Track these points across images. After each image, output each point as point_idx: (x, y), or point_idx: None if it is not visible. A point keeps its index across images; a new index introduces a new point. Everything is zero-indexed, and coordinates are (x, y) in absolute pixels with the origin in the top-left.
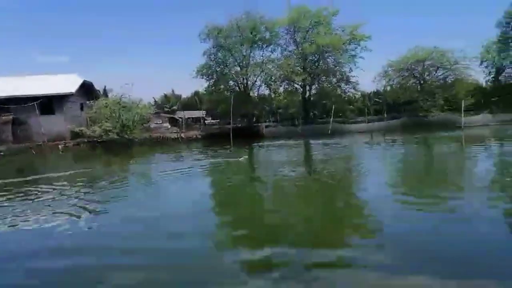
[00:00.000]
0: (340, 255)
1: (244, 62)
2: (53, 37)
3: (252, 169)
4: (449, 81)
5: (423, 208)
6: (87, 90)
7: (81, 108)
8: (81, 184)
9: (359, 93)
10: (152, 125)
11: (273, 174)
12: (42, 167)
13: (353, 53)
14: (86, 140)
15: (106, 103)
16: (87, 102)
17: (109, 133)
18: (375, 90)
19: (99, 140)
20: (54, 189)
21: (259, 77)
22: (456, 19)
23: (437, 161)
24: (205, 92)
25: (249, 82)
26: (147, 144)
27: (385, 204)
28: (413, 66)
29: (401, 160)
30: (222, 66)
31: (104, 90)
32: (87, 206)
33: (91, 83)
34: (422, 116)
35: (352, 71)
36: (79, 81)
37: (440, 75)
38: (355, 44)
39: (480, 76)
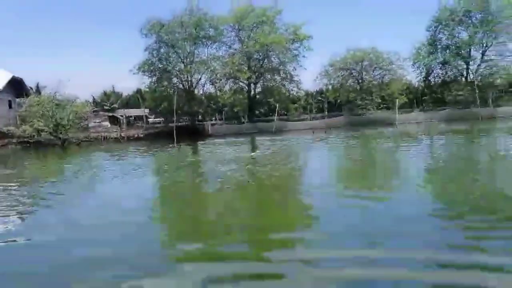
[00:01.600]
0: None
1: (188, 59)
2: None
3: (197, 167)
4: (385, 81)
5: (356, 199)
6: (16, 86)
7: (10, 106)
8: None
9: (303, 91)
10: (90, 124)
11: (216, 174)
12: None
13: (296, 52)
14: (15, 141)
15: (38, 100)
16: (17, 99)
17: (42, 133)
18: (317, 89)
19: (31, 140)
20: None
21: (204, 75)
22: (392, 22)
23: (372, 156)
24: (147, 90)
25: (193, 80)
26: (84, 145)
27: (321, 196)
28: (352, 66)
29: (338, 155)
30: (165, 63)
31: (37, 87)
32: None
33: (21, 79)
34: (361, 114)
35: (295, 70)
36: (7, 76)
37: (377, 75)
38: (298, 43)
39: (413, 76)
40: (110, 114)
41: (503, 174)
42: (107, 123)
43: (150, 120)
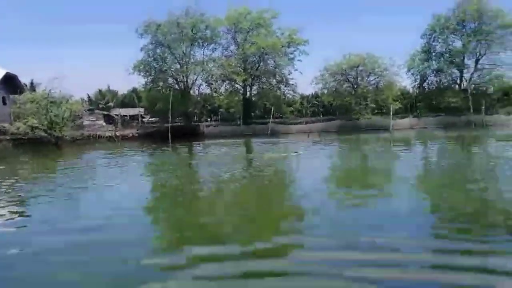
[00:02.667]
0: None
1: (184, 60)
2: None
3: (192, 167)
4: (380, 86)
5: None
6: (10, 83)
7: (4, 103)
8: None
9: (298, 95)
10: (85, 123)
11: (215, 174)
12: None
13: (292, 56)
14: (8, 138)
15: (33, 97)
16: (11, 96)
17: (35, 130)
18: (313, 93)
19: (24, 138)
20: None
21: (200, 76)
22: (387, 31)
23: (364, 160)
24: (143, 89)
25: (189, 81)
26: (78, 143)
27: (316, 197)
28: (347, 71)
29: (333, 158)
30: (161, 63)
31: (31, 84)
32: None
33: (15, 75)
34: (355, 118)
35: (291, 73)
36: (1, 73)
37: (372, 80)
38: (294, 47)
39: (407, 82)
40: (105, 113)
41: (491, 182)
42: (102, 122)
43: (146, 119)
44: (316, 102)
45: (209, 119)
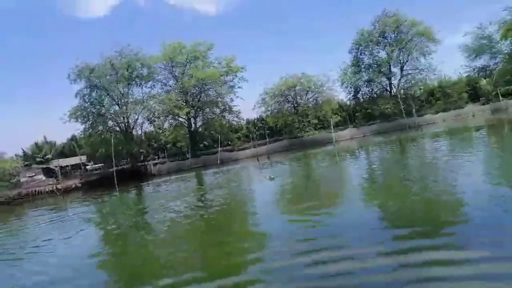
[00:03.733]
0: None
1: (123, 101)
2: None
3: (140, 210)
4: (319, 102)
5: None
6: None
7: None
8: None
9: (243, 120)
10: (23, 179)
11: (162, 215)
12: None
13: (231, 84)
14: None
15: None
16: None
17: None
18: (257, 117)
19: None
20: None
21: (141, 115)
22: (317, 47)
23: (313, 177)
24: (82, 136)
25: (130, 121)
26: (16, 203)
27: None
28: (286, 92)
29: (284, 179)
30: (99, 107)
31: None
32: None
33: None
34: (300, 136)
35: (233, 101)
36: None
37: (311, 97)
38: (232, 75)
39: (343, 95)
40: (44, 166)
41: (430, 182)
42: (41, 176)
43: (89, 167)
44: (261, 125)
45: (156, 157)
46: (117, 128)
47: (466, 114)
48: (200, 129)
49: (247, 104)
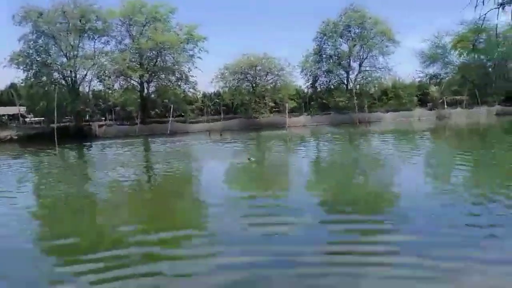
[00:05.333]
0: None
1: (72, 53)
2: None
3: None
4: (278, 86)
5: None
6: None
7: None
8: None
9: (199, 93)
10: None
11: (105, 180)
12: None
13: (191, 53)
14: None
15: None
16: None
17: None
18: (215, 91)
19: None
20: None
21: (90, 71)
22: (284, 30)
23: (265, 158)
24: (23, 85)
25: (78, 76)
26: None
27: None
28: (246, 70)
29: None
30: (44, 55)
31: None
32: None
33: None
34: (255, 117)
35: (191, 70)
36: None
37: (270, 80)
38: (193, 44)
39: (301, 82)
40: None
41: (374, 173)
42: None
43: (28, 119)
44: (217, 100)
45: (103, 119)
46: (63, 82)
47: (413, 116)
48: (153, 96)
49: (205, 77)
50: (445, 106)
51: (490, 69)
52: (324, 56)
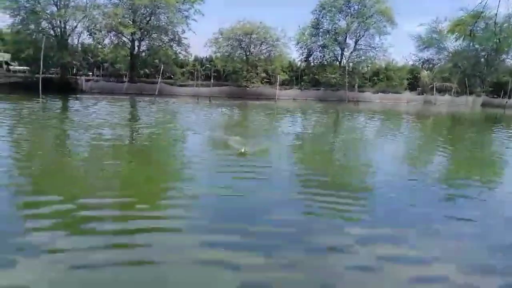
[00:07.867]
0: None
1: (63, 3)
2: None
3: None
4: (271, 57)
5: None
6: None
7: None
8: None
9: (191, 56)
10: None
11: (84, 134)
12: None
13: (186, 14)
14: None
15: None
16: None
17: None
18: (207, 56)
19: None
20: None
21: (81, 23)
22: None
23: (250, 126)
24: (8, 31)
25: (67, 27)
26: None
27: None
28: (241, 37)
29: (221, 123)
30: (33, 2)
31: None
32: None
33: None
34: (245, 86)
35: (184, 32)
36: None
37: (264, 49)
38: (189, 5)
39: (296, 55)
40: None
41: (356, 150)
42: None
43: (12, 67)
44: (209, 65)
45: (91, 74)
46: (51, 32)
47: (401, 100)
48: (144, 55)
49: (198, 40)
50: (434, 92)
51: (482, 59)
52: (321, 30)
